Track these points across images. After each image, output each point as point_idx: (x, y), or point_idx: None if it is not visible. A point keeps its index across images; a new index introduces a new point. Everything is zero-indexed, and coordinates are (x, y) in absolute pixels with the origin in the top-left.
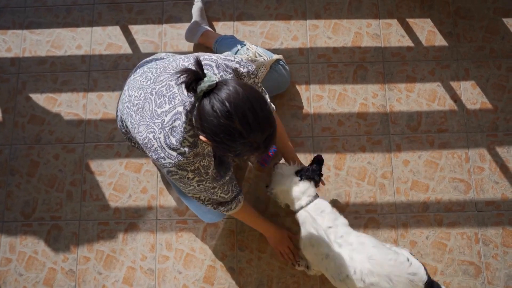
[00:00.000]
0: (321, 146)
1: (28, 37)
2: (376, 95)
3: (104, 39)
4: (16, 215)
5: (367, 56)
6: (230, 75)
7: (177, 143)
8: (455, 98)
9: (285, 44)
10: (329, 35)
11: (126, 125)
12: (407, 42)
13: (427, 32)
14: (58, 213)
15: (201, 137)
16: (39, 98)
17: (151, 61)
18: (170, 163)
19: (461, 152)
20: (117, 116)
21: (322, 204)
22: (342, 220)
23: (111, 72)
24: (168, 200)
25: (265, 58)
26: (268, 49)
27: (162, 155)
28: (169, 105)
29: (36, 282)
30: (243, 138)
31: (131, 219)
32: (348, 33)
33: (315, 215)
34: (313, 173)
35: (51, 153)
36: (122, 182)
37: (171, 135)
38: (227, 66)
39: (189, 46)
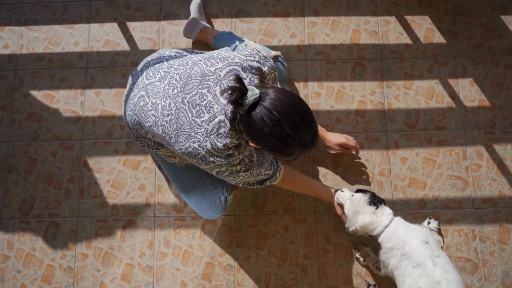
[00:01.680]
0: (319, 143)
1: (25, 33)
2: (374, 93)
3: (101, 36)
4: (14, 212)
5: (365, 54)
6: (256, 76)
7: (225, 148)
8: (453, 95)
9: (283, 41)
10: (327, 32)
11: (142, 127)
12: (405, 39)
13: (425, 29)
14: (56, 210)
15: (251, 144)
16: (37, 95)
17: (159, 60)
18: (220, 165)
19: (458, 150)
20: (127, 117)
21: (404, 221)
22: (436, 237)
23: (109, 69)
24: (166, 197)
25: (264, 55)
26: (266, 46)
27: (211, 159)
28: (208, 114)
29: (34, 279)
30: (294, 140)
31: (129, 216)
32: (346, 30)
33: (406, 228)
34: (379, 198)
35: (49, 150)
36: (120, 179)
37: (218, 141)
38: (251, 67)
39: (187, 42)
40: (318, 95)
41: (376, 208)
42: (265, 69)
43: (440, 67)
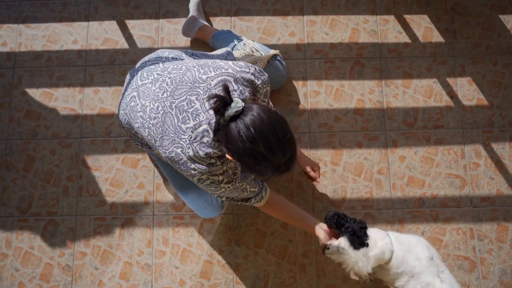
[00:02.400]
0: (318, 142)
1: (24, 31)
2: (373, 91)
3: (100, 34)
4: (12, 210)
5: (364, 52)
6: (248, 88)
7: (207, 156)
8: (452, 94)
9: (282, 40)
10: (326, 31)
11: (132, 127)
12: (404, 38)
13: (424, 28)
14: (55, 208)
15: (227, 155)
16: (35, 93)
17: (155, 61)
18: (201, 173)
19: (457, 148)
20: (120, 115)
21: (393, 235)
22: (436, 254)
23: (108, 67)
24: (165, 195)
25: (262, 54)
26: (265, 45)
27: (192, 166)
28: (193, 121)
29: (33, 277)
30: (266, 161)
31: (128, 215)
32: (345, 29)
33: (410, 248)
34: (357, 225)
35: (47, 148)
36: (119, 177)
37: (200, 150)
38: (244, 79)
39: (186, 41)
40: (317, 94)
41: (367, 247)
42: (258, 82)
43: (439, 66)
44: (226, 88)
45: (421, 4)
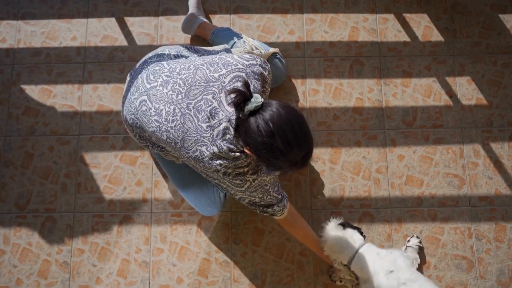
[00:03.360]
0: (316, 140)
1: (23, 28)
2: (372, 90)
3: (99, 31)
4: (10, 207)
5: (363, 51)
6: (259, 82)
7: (231, 152)
8: (451, 93)
9: (282, 38)
10: (325, 29)
11: (145, 131)
12: (404, 37)
13: (424, 27)
14: (53, 205)
15: (246, 150)
16: (34, 90)
17: (158, 60)
18: (226, 167)
19: (455, 148)
20: (128, 119)
21: (374, 247)
22: (411, 256)
23: (107, 64)
24: (163, 193)
25: (262, 51)
26: (265, 43)
27: (218, 162)
28: (213, 120)
29: (30, 274)
30: (283, 155)
31: (126, 212)
32: (345, 27)
33: (373, 256)
34: (353, 226)
35: (46, 145)
36: (117, 174)
37: (224, 146)
38: (254, 73)
39: (186, 38)
40: (316, 92)
41: (344, 229)
42: (266, 73)
43: (438, 65)
44: (246, 84)
45: (421, 3)
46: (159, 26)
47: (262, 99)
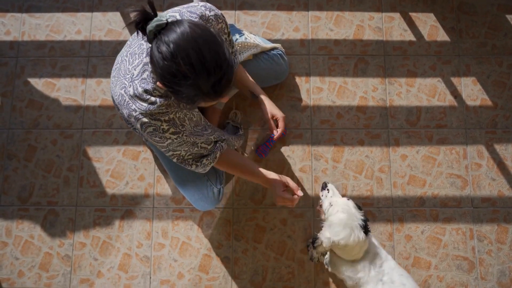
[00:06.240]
0: (319, 138)
1: (28, 20)
2: (376, 89)
3: (104, 25)
4: (13, 200)
5: (368, 50)
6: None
7: (147, 93)
8: (455, 94)
9: (286, 35)
10: (330, 27)
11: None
12: (409, 36)
13: (430, 27)
14: (55, 198)
15: (158, 83)
16: (38, 83)
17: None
18: (141, 113)
19: (459, 148)
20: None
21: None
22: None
23: (111, 58)
24: (165, 188)
25: (263, 46)
26: (269, 40)
27: (133, 107)
28: (138, 59)
29: (32, 266)
30: (187, 79)
31: (128, 206)
32: (350, 25)
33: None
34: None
35: (49, 139)
36: (120, 169)
37: (139, 86)
38: (191, 12)
39: None
40: (320, 90)
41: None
42: (210, 14)
43: (443, 65)
44: (150, 2)
45: (427, 2)
46: None
47: (168, 19)
